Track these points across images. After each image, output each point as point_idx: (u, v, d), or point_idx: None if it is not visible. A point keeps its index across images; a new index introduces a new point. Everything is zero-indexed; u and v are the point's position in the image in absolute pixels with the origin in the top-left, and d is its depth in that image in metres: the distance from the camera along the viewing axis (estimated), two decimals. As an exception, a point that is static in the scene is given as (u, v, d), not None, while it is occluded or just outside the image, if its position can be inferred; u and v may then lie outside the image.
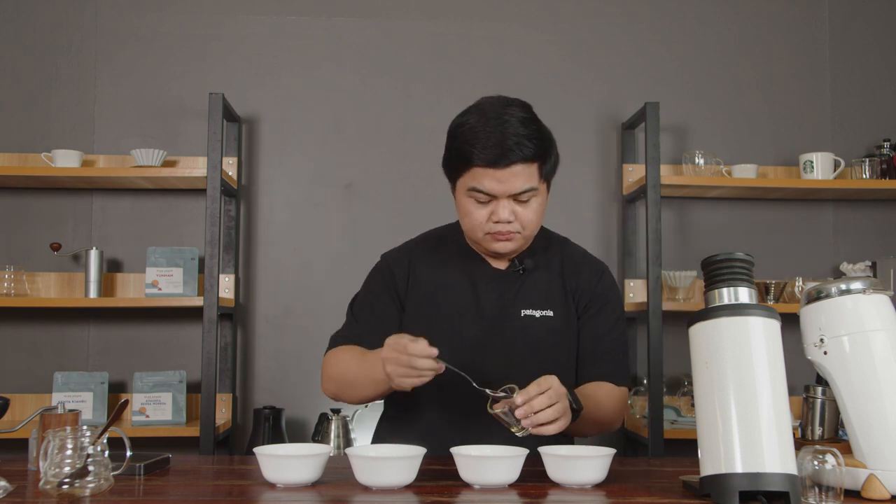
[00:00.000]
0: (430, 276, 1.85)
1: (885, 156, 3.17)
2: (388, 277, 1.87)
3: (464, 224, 1.78)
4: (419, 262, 1.87)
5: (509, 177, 1.66)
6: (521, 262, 1.82)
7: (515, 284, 1.82)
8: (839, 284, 1.43)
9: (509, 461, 1.44)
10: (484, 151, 1.65)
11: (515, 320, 1.79)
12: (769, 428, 1.26)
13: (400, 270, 1.86)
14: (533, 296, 1.81)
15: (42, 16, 3.21)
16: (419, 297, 1.83)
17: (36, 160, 3.07)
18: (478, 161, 1.66)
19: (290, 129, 3.25)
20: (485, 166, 1.66)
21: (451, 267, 1.85)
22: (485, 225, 1.72)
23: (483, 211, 1.71)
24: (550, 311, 1.80)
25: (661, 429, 2.83)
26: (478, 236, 1.75)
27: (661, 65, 3.35)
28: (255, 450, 1.46)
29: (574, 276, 1.85)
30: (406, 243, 1.95)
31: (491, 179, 1.67)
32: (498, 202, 1.69)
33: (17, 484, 1.44)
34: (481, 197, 1.69)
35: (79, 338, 3.14)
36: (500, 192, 1.68)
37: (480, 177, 1.67)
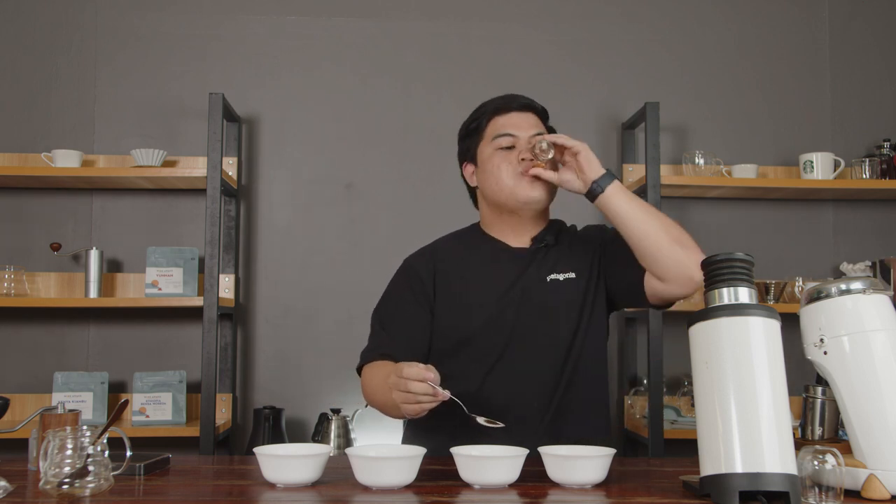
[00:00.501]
0: (455, 265, 1.92)
1: (885, 156, 3.17)
2: (413, 277, 1.92)
3: (496, 183, 1.88)
4: (442, 255, 1.94)
5: (523, 119, 1.91)
6: (543, 239, 1.92)
7: (540, 257, 1.91)
8: (839, 284, 1.43)
9: (509, 461, 1.44)
10: (495, 102, 1.93)
11: (542, 285, 1.87)
12: (769, 428, 1.26)
13: (424, 267, 1.92)
14: (556, 263, 1.90)
15: (42, 16, 3.22)
16: (448, 285, 1.89)
17: (36, 160, 3.07)
18: (492, 109, 1.92)
19: (290, 129, 3.25)
20: (500, 112, 1.91)
21: (475, 253, 1.93)
22: (515, 168, 1.85)
23: (511, 156, 1.86)
24: (573, 273, 1.89)
25: (661, 429, 2.83)
26: (511, 186, 1.85)
27: (661, 65, 3.35)
28: (255, 450, 1.46)
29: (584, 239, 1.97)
30: (429, 245, 2.02)
31: (513, 120, 1.90)
32: (519, 142, 1.87)
33: (17, 484, 1.44)
34: (504, 141, 1.87)
35: (79, 338, 3.14)
36: (519, 128, 1.89)
37: (501, 123, 1.90)
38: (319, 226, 3.22)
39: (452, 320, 1.86)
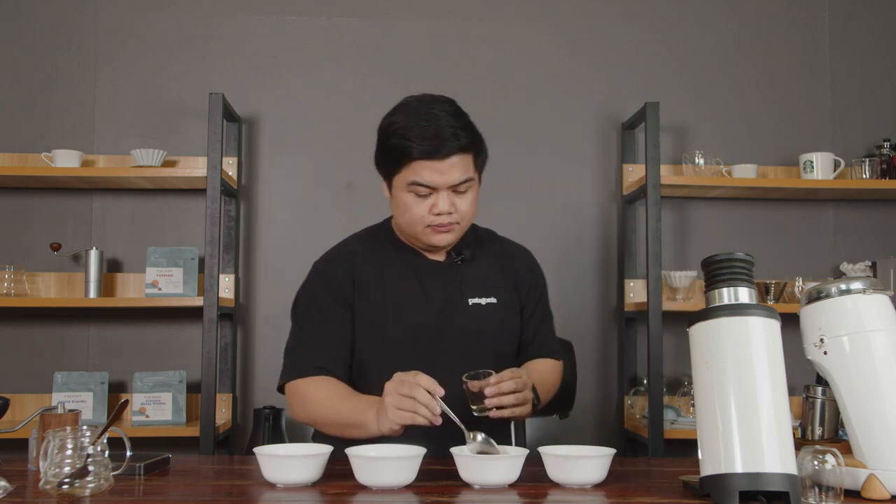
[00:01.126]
0: (373, 273, 1.86)
1: (885, 156, 3.17)
2: (332, 283, 1.86)
3: (402, 219, 1.80)
4: (358, 261, 1.88)
5: (448, 168, 1.71)
6: (459, 254, 1.88)
7: (458, 275, 1.87)
8: (839, 284, 1.43)
9: (509, 461, 1.44)
10: (422, 144, 1.70)
11: (464, 308, 1.84)
12: (769, 428, 1.26)
13: (342, 273, 1.86)
14: (476, 284, 1.87)
15: (42, 16, 3.21)
16: (367, 294, 1.84)
17: (36, 160, 3.07)
18: (417, 154, 1.70)
19: (290, 129, 3.25)
20: (424, 158, 1.70)
21: (392, 262, 1.88)
22: (426, 218, 1.76)
23: (423, 204, 1.75)
24: (494, 298, 1.87)
25: (661, 429, 2.83)
26: (417, 230, 1.79)
27: (661, 65, 3.35)
28: (255, 450, 1.46)
29: (510, 264, 1.94)
30: (340, 245, 1.96)
31: (431, 171, 1.71)
32: (438, 194, 1.74)
33: (17, 484, 1.44)
34: (422, 190, 1.73)
35: (79, 338, 3.14)
36: (440, 184, 1.72)
37: (420, 169, 1.71)
38: (319, 226, 3.22)
39: (369, 332, 1.81)
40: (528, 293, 1.94)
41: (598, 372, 3.24)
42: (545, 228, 3.22)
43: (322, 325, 1.83)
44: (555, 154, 3.26)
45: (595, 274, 3.26)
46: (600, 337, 3.26)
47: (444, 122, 1.72)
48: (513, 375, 1.63)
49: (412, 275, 1.85)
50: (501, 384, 1.60)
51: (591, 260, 3.26)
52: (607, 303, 3.27)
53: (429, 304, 1.83)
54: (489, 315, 1.85)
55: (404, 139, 1.72)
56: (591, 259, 3.26)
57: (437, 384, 1.53)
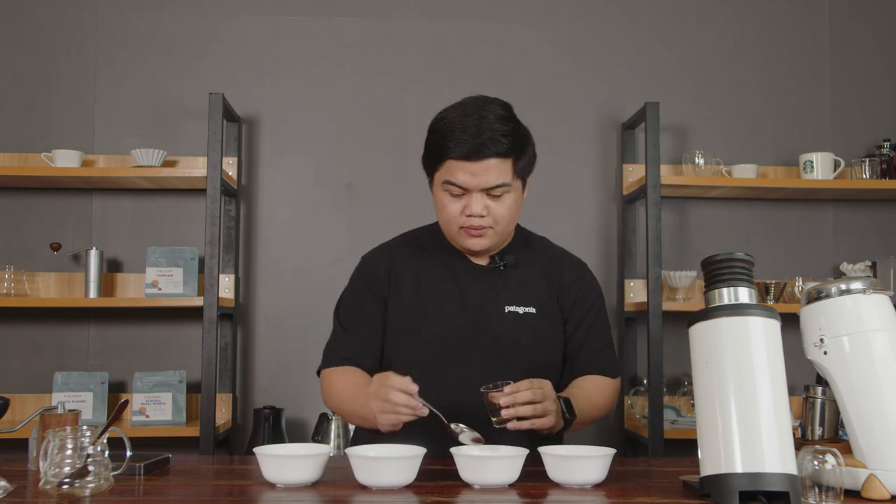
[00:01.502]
0: (412, 273, 1.86)
1: (885, 156, 3.17)
2: (371, 278, 1.88)
3: (439, 218, 1.81)
4: (400, 260, 1.89)
5: (482, 170, 1.70)
6: (502, 259, 1.85)
7: (498, 281, 1.84)
8: (839, 284, 1.43)
9: (509, 461, 1.44)
10: (459, 144, 1.70)
11: (500, 315, 1.81)
12: (769, 428, 1.26)
13: (381, 270, 1.87)
14: (516, 292, 1.84)
15: (42, 16, 3.21)
16: (402, 294, 1.84)
17: (36, 160, 3.07)
18: (452, 154, 1.70)
19: (290, 129, 3.25)
20: (459, 159, 1.70)
21: (433, 263, 1.87)
22: (458, 219, 1.75)
23: (457, 205, 1.75)
24: (533, 308, 1.83)
25: (661, 429, 2.83)
26: (452, 231, 1.79)
27: (661, 65, 3.35)
28: (255, 450, 1.46)
29: (557, 274, 1.90)
30: (386, 243, 1.96)
31: (464, 172, 1.71)
32: (471, 196, 1.73)
33: (17, 484, 1.44)
34: (455, 190, 1.73)
35: (79, 338, 3.14)
36: (472, 186, 1.71)
37: (454, 170, 1.71)
38: (319, 226, 3.22)
39: (401, 332, 1.82)
40: (573, 305, 1.88)
41: (598, 372, 3.24)
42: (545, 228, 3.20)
43: (357, 317, 1.85)
44: (555, 154, 3.25)
45: (595, 274, 3.23)
46: (600, 337, 3.25)
47: (486, 125, 1.70)
48: (530, 386, 1.59)
49: (451, 277, 1.84)
50: (517, 395, 1.56)
51: (591, 260, 3.22)
52: (607, 303, 3.24)
53: (463, 309, 1.81)
54: (525, 324, 1.81)
55: (444, 138, 1.73)
56: (591, 259, 3.24)
57: (409, 382, 1.54)
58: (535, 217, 3.27)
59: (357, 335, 1.84)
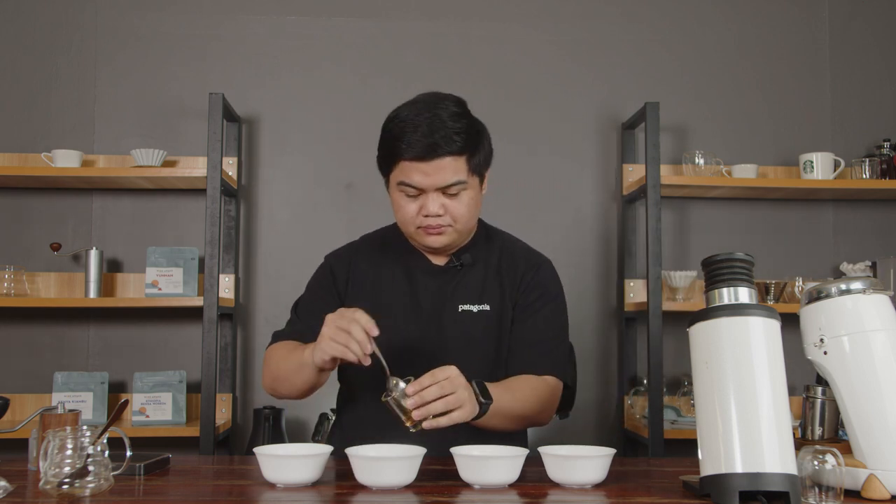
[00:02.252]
0: (369, 273, 1.87)
1: (885, 156, 3.17)
2: (329, 276, 1.90)
3: (397, 219, 1.81)
4: (361, 259, 1.90)
5: (436, 170, 1.68)
6: (459, 258, 1.84)
7: (453, 280, 1.84)
8: (839, 284, 1.43)
9: (509, 461, 1.44)
10: (411, 145, 1.68)
11: (453, 315, 1.80)
12: (769, 428, 1.26)
13: (340, 269, 1.90)
14: (470, 291, 1.82)
15: (42, 16, 3.21)
16: (358, 294, 1.85)
17: (36, 160, 3.07)
18: (405, 154, 1.69)
19: (290, 129, 3.25)
20: (411, 159, 1.68)
21: (392, 263, 1.87)
22: (416, 219, 1.74)
23: (413, 205, 1.73)
24: (487, 305, 1.82)
25: (661, 429, 2.83)
26: (410, 231, 1.78)
27: (661, 65, 3.35)
28: (255, 450, 1.46)
29: (511, 269, 1.86)
30: (351, 242, 1.98)
31: (418, 173, 1.69)
32: (427, 195, 1.71)
33: (17, 484, 1.44)
34: (410, 191, 1.72)
35: (79, 338, 3.14)
36: (427, 186, 1.70)
37: (408, 170, 1.70)
38: (319, 226, 3.22)
39: None
40: (520, 296, 1.83)
41: (598, 372, 3.24)
42: (545, 228, 3.22)
43: (309, 312, 1.86)
44: (555, 154, 3.26)
45: (595, 274, 3.26)
46: (600, 337, 3.26)
47: (438, 123, 1.68)
48: (433, 378, 1.48)
49: (407, 277, 1.85)
50: (423, 393, 1.46)
51: (591, 260, 3.26)
52: (607, 303, 3.27)
53: (416, 308, 1.81)
54: (479, 322, 1.80)
55: (395, 139, 1.71)
56: (591, 259, 3.26)
57: (373, 324, 1.50)
58: (535, 217, 3.29)
59: (306, 323, 1.83)
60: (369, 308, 1.71)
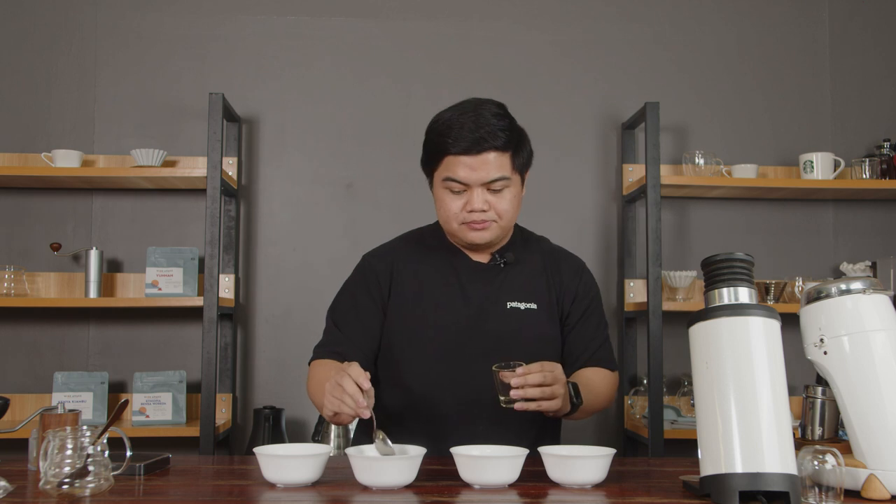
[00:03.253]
0: (413, 272, 1.87)
1: (885, 156, 3.17)
2: (370, 276, 1.88)
3: (440, 216, 1.82)
4: (401, 258, 1.90)
5: (481, 164, 1.73)
6: (503, 256, 1.87)
7: (499, 277, 1.86)
8: (839, 284, 1.43)
9: (509, 461, 1.44)
10: (457, 140, 1.73)
11: (501, 311, 1.83)
12: (769, 428, 1.26)
13: (382, 268, 1.88)
14: (517, 289, 1.86)
15: (42, 16, 3.22)
16: (404, 292, 1.85)
17: (36, 160, 3.07)
18: (451, 150, 1.73)
19: (290, 129, 3.25)
20: (458, 154, 1.73)
21: (434, 261, 1.88)
22: (460, 215, 1.77)
23: (458, 201, 1.76)
24: (534, 304, 1.86)
25: (661, 429, 2.83)
26: (453, 227, 1.80)
27: (661, 65, 3.35)
28: (255, 450, 1.46)
29: (556, 271, 1.92)
30: (388, 243, 1.98)
31: (464, 167, 1.73)
32: (472, 191, 1.75)
33: (17, 484, 1.44)
34: (455, 186, 1.75)
35: (79, 338, 3.14)
36: (473, 181, 1.73)
37: (454, 165, 1.73)
38: (319, 226, 3.22)
39: (403, 326, 1.83)
40: (573, 302, 1.90)
41: (598, 372, 3.24)
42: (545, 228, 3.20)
43: (352, 316, 1.85)
44: (555, 154, 3.26)
45: (595, 274, 3.23)
46: (600, 337, 3.26)
47: (484, 121, 1.73)
48: (541, 368, 1.59)
49: (452, 274, 1.86)
50: (528, 376, 1.57)
51: (591, 260, 3.25)
52: (607, 303, 3.27)
53: (465, 305, 1.82)
54: (527, 320, 1.83)
55: (442, 136, 1.75)
56: (592, 259, 3.25)
57: (365, 378, 1.49)
58: (535, 217, 3.27)
59: (349, 333, 1.84)
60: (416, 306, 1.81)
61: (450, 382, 1.77)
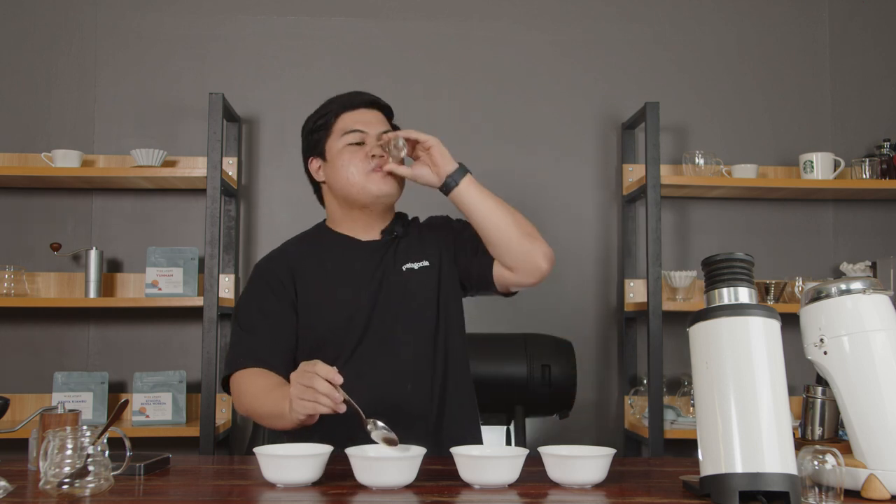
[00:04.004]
0: (311, 265, 1.91)
1: (885, 156, 3.17)
2: (272, 280, 1.89)
3: (345, 176, 1.89)
4: (296, 256, 1.94)
5: (373, 116, 1.92)
6: (392, 232, 1.95)
7: (389, 248, 1.93)
8: (839, 284, 1.43)
9: (509, 461, 1.44)
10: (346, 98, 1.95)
11: (399, 275, 1.89)
12: (769, 428, 1.26)
13: (281, 270, 1.90)
14: (409, 253, 1.93)
15: (42, 16, 3.22)
16: (306, 286, 1.88)
17: (36, 160, 3.07)
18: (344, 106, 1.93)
19: (290, 129, 3.25)
20: (351, 108, 1.92)
21: (327, 250, 1.94)
22: (366, 163, 1.86)
23: (360, 153, 1.87)
24: (426, 261, 1.92)
25: (661, 429, 2.83)
26: (361, 179, 1.87)
27: (661, 65, 3.35)
28: (255, 450, 1.46)
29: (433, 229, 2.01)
30: (279, 248, 2.01)
31: (360, 116, 1.91)
32: (369, 138, 1.88)
33: (17, 484, 1.44)
34: (354, 137, 1.88)
35: (79, 338, 3.14)
36: (369, 125, 1.89)
37: (351, 119, 1.90)
38: (319, 226, 3.21)
39: (314, 319, 1.85)
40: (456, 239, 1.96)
41: (598, 372, 3.24)
42: (545, 228, 3.20)
43: (261, 321, 1.86)
44: (555, 154, 3.26)
45: (595, 274, 3.26)
46: (600, 337, 3.26)
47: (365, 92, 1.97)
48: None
49: (346, 256, 1.92)
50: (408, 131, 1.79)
51: (591, 260, 3.26)
52: (607, 303, 3.27)
53: (363, 279, 1.88)
54: (423, 276, 1.90)
55: (331, 103, 1.95)
56: (591, 259, 3.26)
57: (335, 372, 1.48)
58: (535, 217, 3.26)
59: (262, 337, 1.83)
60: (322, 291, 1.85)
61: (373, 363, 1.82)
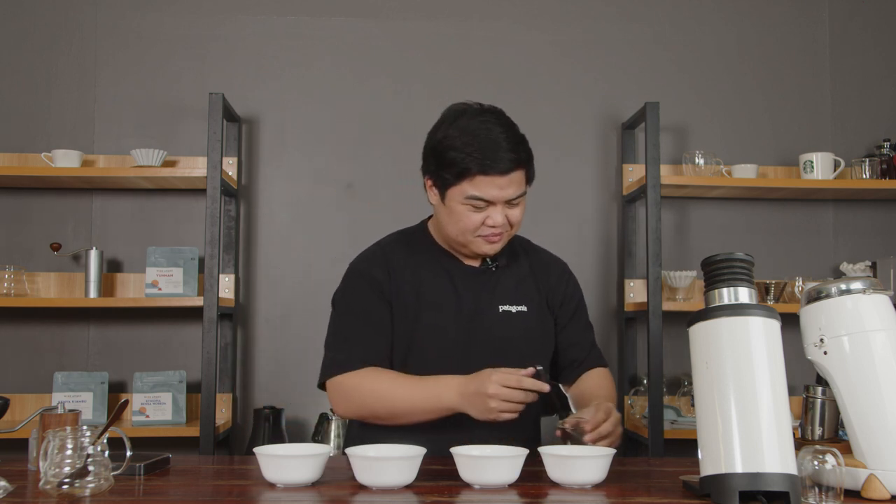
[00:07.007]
0: (410, 275, 1.86)
1: (885, 156, 3.17)
2: (372, 279, 1.85)
3: (453, 228, 1.80)
4: (396, 261, 1.88)
5: (507, 183, 1.74)
6: (495, 261, 1.89)
7: (490, 281, 1.88)
8: (839, 284, 1.43)
9: (509, 461, 1.44)
10: (484, 161, 1.71)
11: (494, 315, 1.84)
12: (769, 428, 1.26)
13: (380, 270, 1.86)
14: (508, 292, 1.87)
15: (42, 16, 3.22)
16: (404, 293, 1.84)
17: (36, 160, 3.07)
18: (478, 169, 1.71)
19: (290, 129, 3.25)
20: (488, 174, 1.71)
21: (429, 265, 1.88)
22: (479, 229, 1.77)
23: (478, 216, 1.76)
24: (525, 306, 1.87)
25: (661, 429, 2.83)
26: (468, 239, 1.80)
27: (661, 65, 3.35)
28: (255, 450, 1.46)
29: (544, 274, 1.95)
30: (377, 244, 1.95)
31: (491, 186, 1.73)
32: (495, 207, 1.75)
33: (17, 484, 1.44)
34: (479, 204, 1.75)
35: (79, 338, 3.14)
36: (499, 199, 1.75)
37: (480, 185, 1.73)
38: (319, 226, 3.22)
39: (403, 329, 1.82)
40: (562, 305, 1.95)
41: (598, 372, 3.23)
42: (545, 228, 3.21)
43: (363, 321, 1.83)
44: (555, 154, 3.25)
45: (595, 274, 3.26)
46: (600, 337, 3.25)
47: (500, 135, 1.73)
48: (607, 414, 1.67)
49: (447, 277, 1.86)
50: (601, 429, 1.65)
51: (591, 260, 3.26)
52: (607, 303, 3.27)
53: (459, 309, 1.83)
54: (519, 323, 1.85)
55: (465, 154, 1.72)
56: (591, 259, 3.26)
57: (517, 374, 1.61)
58: (535, 217, 3.27)
59: (365, 338, 1.81)
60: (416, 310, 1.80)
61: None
